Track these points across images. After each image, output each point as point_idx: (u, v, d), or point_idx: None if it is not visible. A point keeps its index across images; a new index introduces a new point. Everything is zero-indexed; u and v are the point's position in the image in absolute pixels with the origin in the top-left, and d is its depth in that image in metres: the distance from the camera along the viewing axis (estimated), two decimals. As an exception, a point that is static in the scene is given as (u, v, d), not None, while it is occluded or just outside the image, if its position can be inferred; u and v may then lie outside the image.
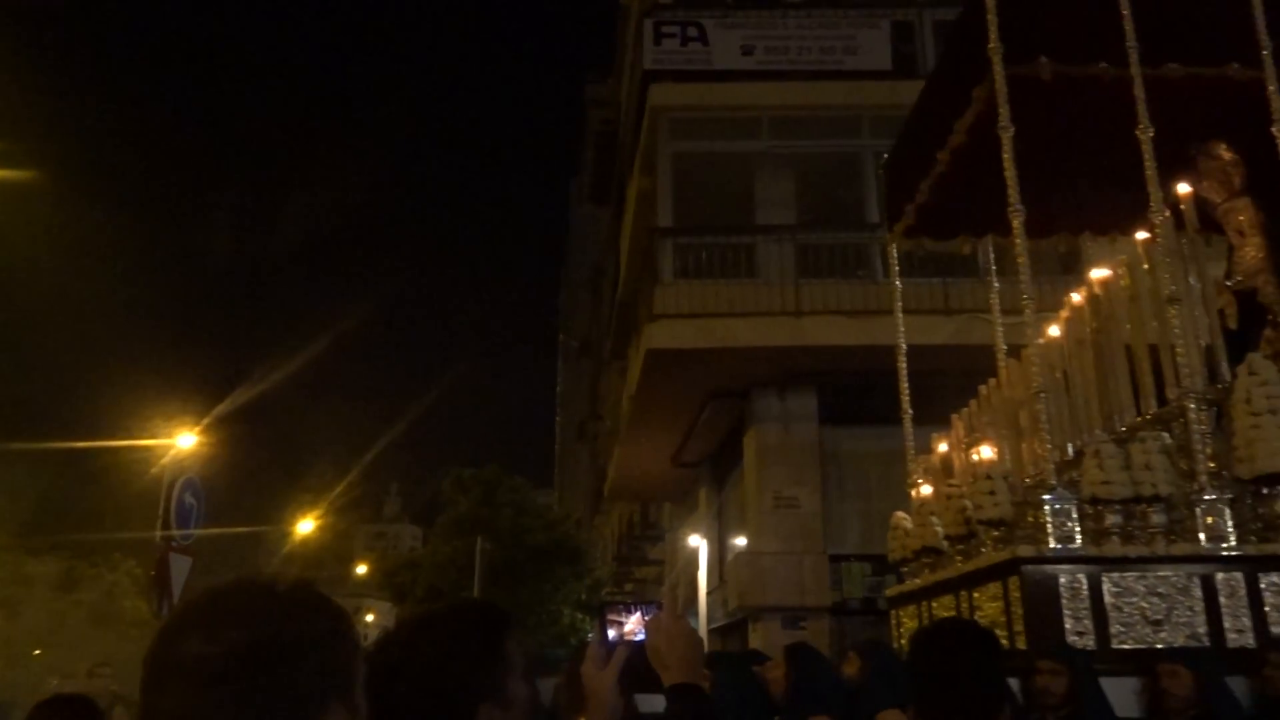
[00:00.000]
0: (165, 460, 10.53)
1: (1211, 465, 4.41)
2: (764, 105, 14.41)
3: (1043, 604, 4.05)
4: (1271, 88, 4.55)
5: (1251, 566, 4.08)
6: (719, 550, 16.58)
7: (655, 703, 1.66)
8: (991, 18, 4.64)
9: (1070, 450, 4.84)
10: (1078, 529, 4.10)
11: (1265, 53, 4.57)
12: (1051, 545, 4.09)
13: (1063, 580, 4.06)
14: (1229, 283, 5.21)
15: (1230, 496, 4.19)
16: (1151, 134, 4.51)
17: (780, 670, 4.20)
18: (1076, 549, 4.07)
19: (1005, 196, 5.54)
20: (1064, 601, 4.05)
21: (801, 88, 14.26)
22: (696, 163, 14.71)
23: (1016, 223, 4.48)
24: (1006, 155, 4.50)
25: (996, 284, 5.95)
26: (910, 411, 5.86)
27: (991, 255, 6.10)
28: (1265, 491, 4.18)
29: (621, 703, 1.51)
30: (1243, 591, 4.06)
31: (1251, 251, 5.11)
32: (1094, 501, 4.21)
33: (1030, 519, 4.31)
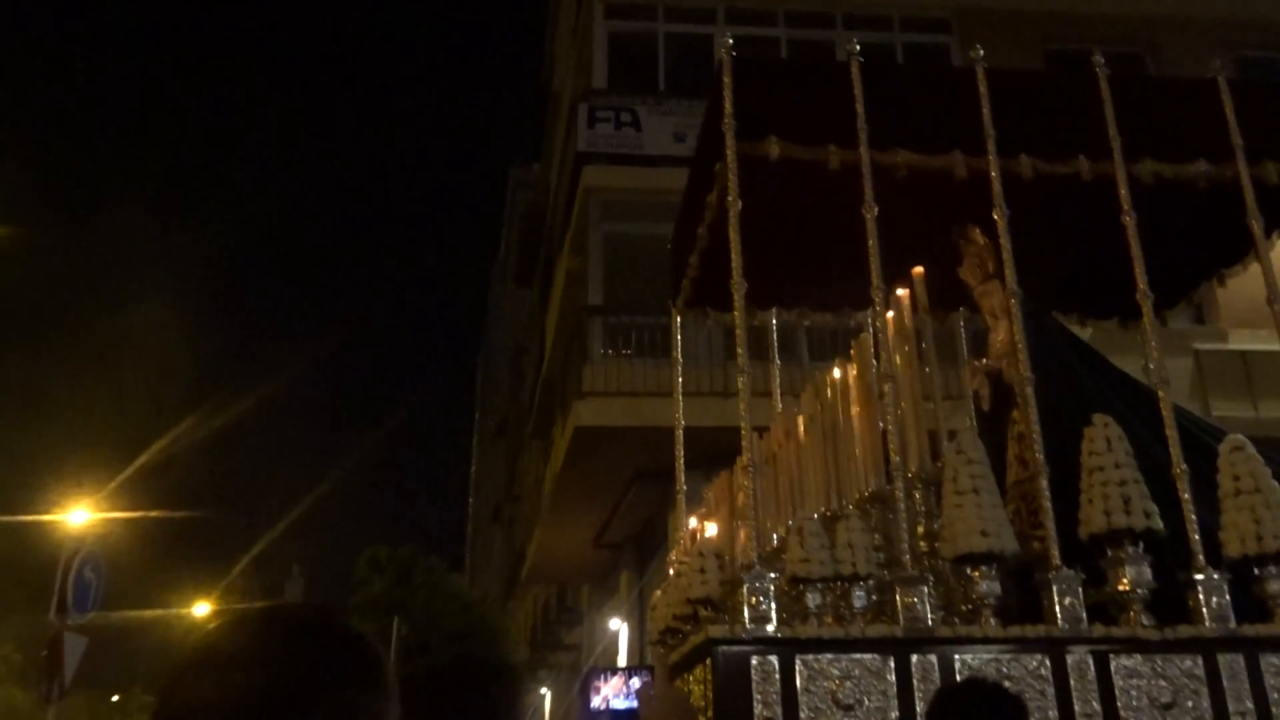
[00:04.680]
0: (67, 535, 10.16)
1: (923, 546, 4.35)
2: (693, 190, 14.63)
3: (733, 687, 3.89)
4: (994, 174, 4.62)
5: (948, 649, 3.97)
6: (639, 633, 16.24)
7: None
8: (727, 93, 4.70)
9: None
10: (773, 609, 3.98)
11: (989, 139, 4.65)
12: (746, 626, 3.97)
13: (754, 662, 3.91)
14: (979, 364, 5.23)
15: (930, 577, 4.11)
16: (875, 213, 4.55)
17: None
18: (768, 630, 3.94)
19: (773, 270, 5.61)
20: (754, 684, 3.90)
21: (730, 175, 14.54)
22: (627, 243, 14.87)
23: (738, 296, 4.46)
24: (733, 229, 4.50)
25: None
26: (685, 488, 5.78)
27: (774, 331, 6.13)
28: (969, 571, 4.11)
29: None
30: (936, 674, 3.94)
31: (1001, 335, 5.13)
32: (795, 580, 4.10)
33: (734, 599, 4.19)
